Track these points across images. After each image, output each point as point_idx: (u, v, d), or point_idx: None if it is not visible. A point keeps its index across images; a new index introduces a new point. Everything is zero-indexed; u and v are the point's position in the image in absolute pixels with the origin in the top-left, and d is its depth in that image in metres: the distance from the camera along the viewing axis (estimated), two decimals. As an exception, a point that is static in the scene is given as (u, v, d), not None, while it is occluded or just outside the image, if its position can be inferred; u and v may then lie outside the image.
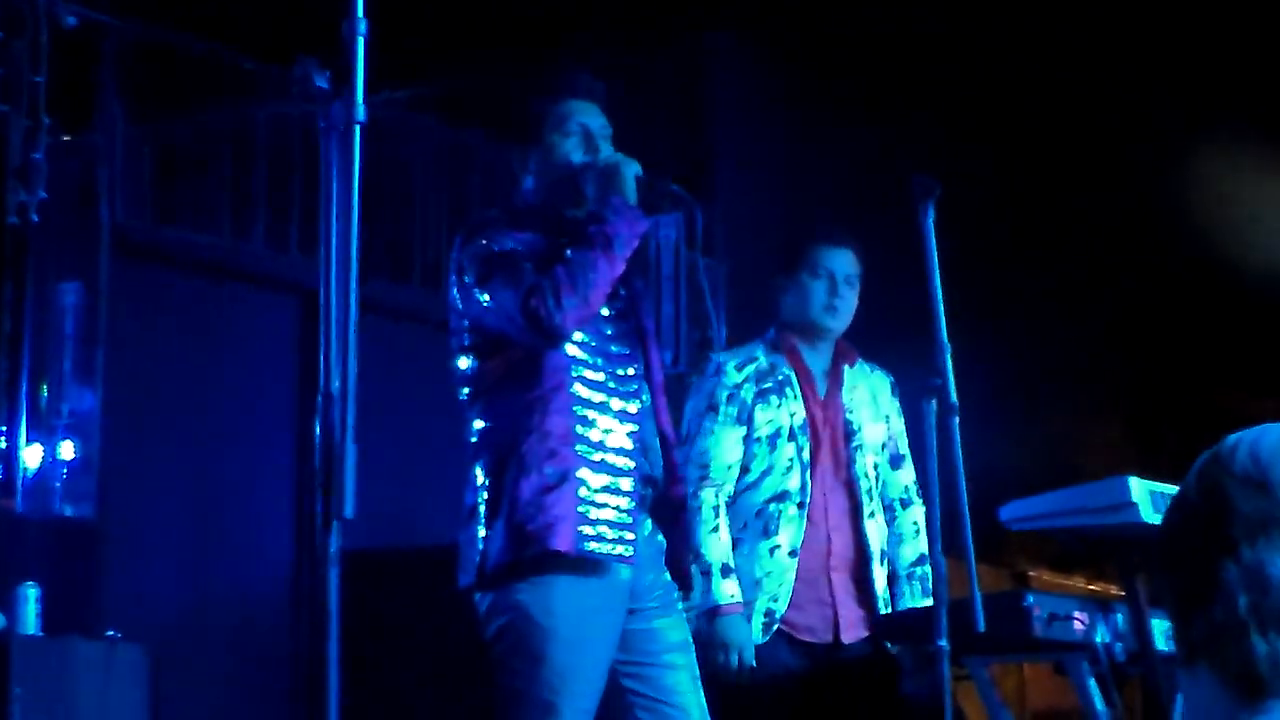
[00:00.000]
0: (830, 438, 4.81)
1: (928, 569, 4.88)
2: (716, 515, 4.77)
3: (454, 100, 7.10)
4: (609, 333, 3.99)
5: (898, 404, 5.12)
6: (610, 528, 3.86)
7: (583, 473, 3.85)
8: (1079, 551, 6.50)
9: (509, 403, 3.89)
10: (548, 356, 3.87)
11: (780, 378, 4.89)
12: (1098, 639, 4.63)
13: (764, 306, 7.02)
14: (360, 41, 2.28)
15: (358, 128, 2.28)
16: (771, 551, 4.77)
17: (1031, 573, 6.51)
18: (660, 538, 4.07)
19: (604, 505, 3.86)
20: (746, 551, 4.78)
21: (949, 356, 4.40)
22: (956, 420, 4.42)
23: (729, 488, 4.82)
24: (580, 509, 3.82)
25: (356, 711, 2.84)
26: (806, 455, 4.80)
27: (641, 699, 3.96)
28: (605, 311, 3.94)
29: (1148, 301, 8.79)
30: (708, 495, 4.79)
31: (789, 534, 4.77)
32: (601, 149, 4.03)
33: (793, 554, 4.74)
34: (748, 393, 4.86)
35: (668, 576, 4.07)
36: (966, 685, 5.23)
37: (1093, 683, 4.69)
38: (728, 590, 4.66)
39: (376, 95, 2.35)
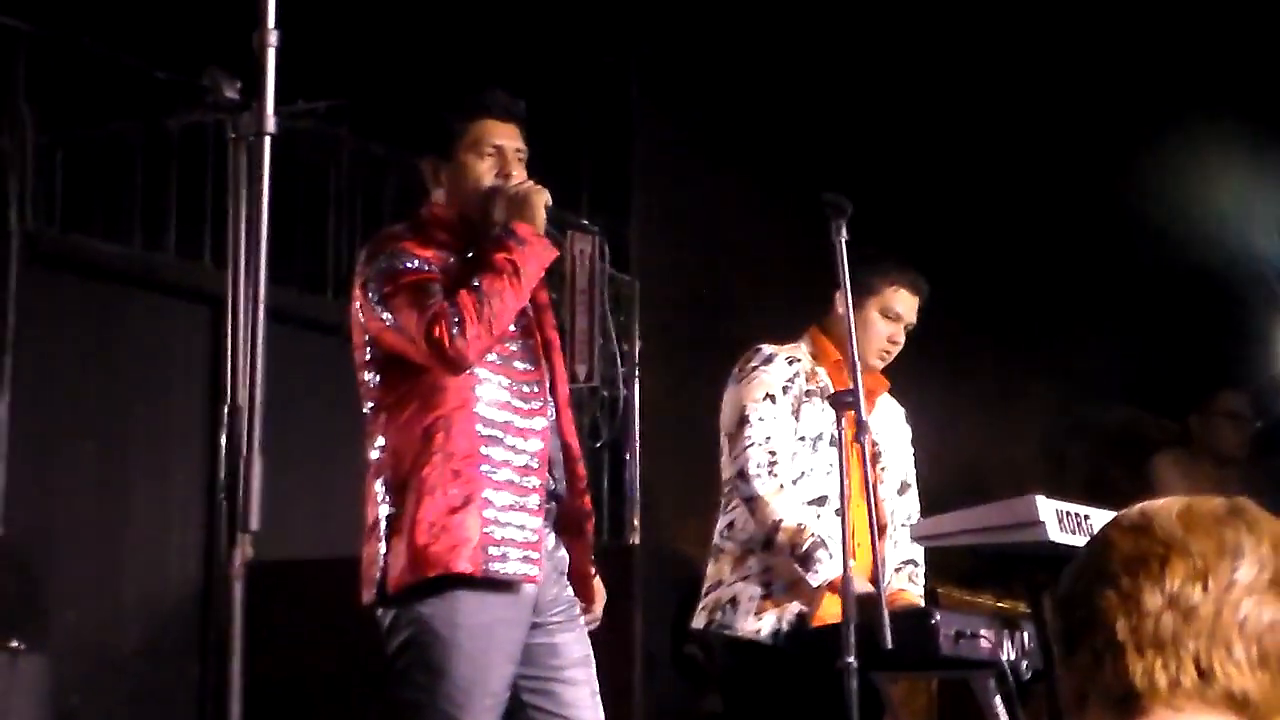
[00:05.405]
0: (861, 454, 4.74)
1: (918, 570, 5.05)
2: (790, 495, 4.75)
3: (369, 112, 7.07)
4: (513, 349, 3.99)
5: (909, 433, 5.17)
6: (515, 548, 3.86)
7: (487, 493, 3.85)
8: (988, 569, 6.53)
9: (412, 421, 3.88)
10: (451, 376, 3.87)
11: (822, 384, 4.90)
12: (1004, 656, 4.67)
13: (692, 320, 7.04)
14: (270, 53, 2.27)
15: (267, 139, 2.27)
16: None
17: (940, 589, 6.53)
18: (563, 552, 4.08)
19: (509, 525, 3.86)
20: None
21: (860, 374, 4.45)
22: (867, 437, 4.46)
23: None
24: (486, 530, 3.82)
25: (261, 725, 2.82)
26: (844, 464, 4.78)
27: (543, 713, 3.97)
28: (510, 328, 3.94)
29: (1061, 323, 8.86)
30: (785, 478, 4.77)
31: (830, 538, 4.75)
32: (515, 173, 4.03)
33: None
34: (798, 389, 4.87)
35: (570, 591, 4.08)
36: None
37: (999, 700, 4.73)
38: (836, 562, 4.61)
39: (290, 106, 2.34)
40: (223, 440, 2.27)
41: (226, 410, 2.27)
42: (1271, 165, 7.76)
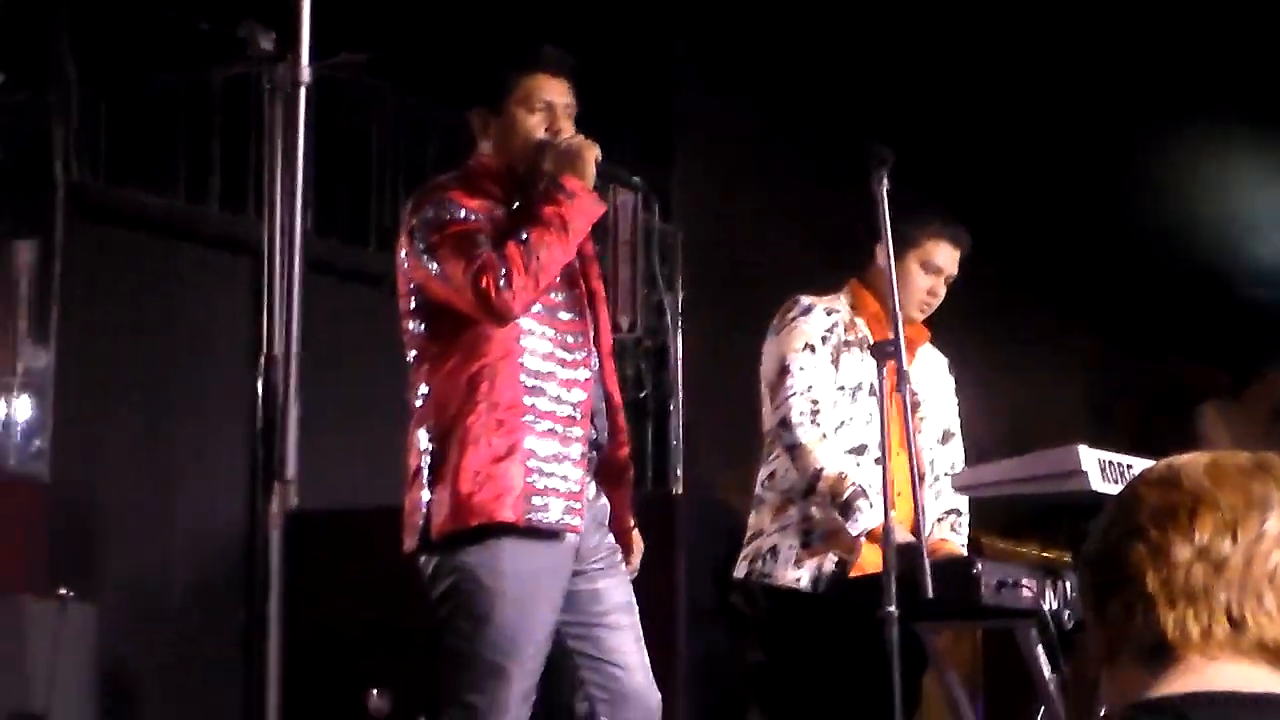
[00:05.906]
0: (901, 404, 4.68)
1: (961, 520, 5.05)
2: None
3: (413, 65, 7.07)
4: (558, 300, 3.99)
5: (952, 382, 5.17)
6: (558, 498, 3.87)
7: (531, 442, 3.86)
8: (1031, 518, 6.52)
9: (456, 370, 3.89)
10: (496, 327, 3.87)
11: (861, 335, 4.91)
12: (1046, 606, 4.66)
13: (735, 270, 6.99)
14: (305, 4, 2.27)
15: (302, 90, 2.27)
16: None
17: (983, 539, 6.52)
18: (604, 501, 4.09)
19: (552, 475, 3.87)
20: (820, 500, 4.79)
21: (901, 324, 4.44)
22: (909, 386, 4.46)
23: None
24: (529, 479, 3.84)
25: (304, 673, 2.85)
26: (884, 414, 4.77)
27: (587, 659, 3.99)
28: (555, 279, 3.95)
29: (1106, 273, 8.83)
30: (827, 427, 4.79)
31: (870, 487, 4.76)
32: (564, 129, 4.02)
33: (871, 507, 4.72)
34: (837, 339, 4.88)
35: (611, 538, 4.10)
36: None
37: (1041, 649, 4.73)
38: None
39: (333, 58, 2.35)
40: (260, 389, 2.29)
41: (263, 359, 2.28)
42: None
